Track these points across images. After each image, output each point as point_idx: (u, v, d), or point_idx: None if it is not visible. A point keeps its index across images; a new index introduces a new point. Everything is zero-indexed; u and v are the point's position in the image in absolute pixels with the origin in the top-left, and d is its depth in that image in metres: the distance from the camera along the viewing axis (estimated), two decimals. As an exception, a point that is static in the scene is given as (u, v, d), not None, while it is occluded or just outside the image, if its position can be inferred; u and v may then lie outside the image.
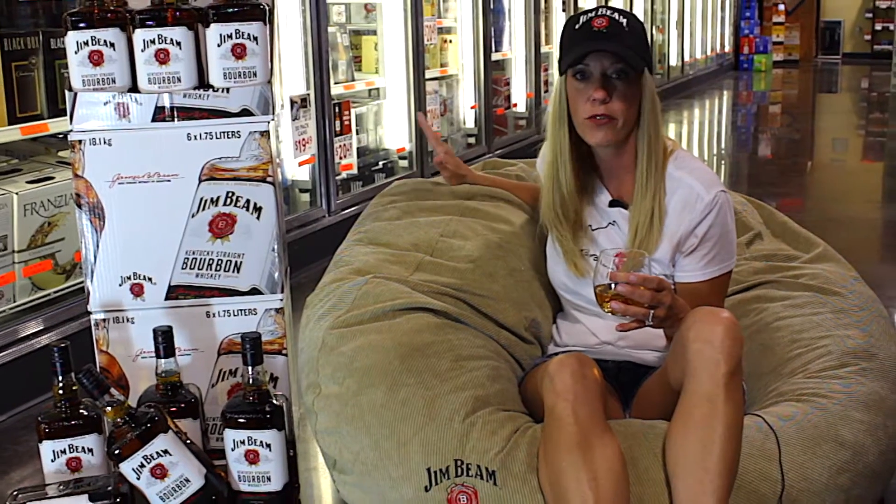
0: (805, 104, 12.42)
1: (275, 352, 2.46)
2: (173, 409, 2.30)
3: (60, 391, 2.24)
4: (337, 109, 4.76)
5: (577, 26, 2.13)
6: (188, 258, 2.39)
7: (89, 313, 2.42)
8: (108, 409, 2.14)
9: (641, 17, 2.20)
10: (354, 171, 5.02)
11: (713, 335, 1.87)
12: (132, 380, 2.44)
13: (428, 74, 5.72)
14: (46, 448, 2.26)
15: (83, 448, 2.27)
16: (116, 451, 2.13)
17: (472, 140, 6.55)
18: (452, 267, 2.48)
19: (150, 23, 2.26)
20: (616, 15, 2.12)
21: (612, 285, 1.93)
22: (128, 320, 2.41)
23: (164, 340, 2.29)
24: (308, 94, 4.55)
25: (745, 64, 17.31)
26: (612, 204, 2.27)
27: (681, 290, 2.19)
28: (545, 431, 1.95)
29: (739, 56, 17.44)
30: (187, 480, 2.19)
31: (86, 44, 2.26)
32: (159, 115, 2.32)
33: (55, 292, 3.34)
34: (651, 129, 2.16)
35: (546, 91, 7.62)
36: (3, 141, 3.16)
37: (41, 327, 3.14)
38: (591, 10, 2.18)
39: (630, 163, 2.22)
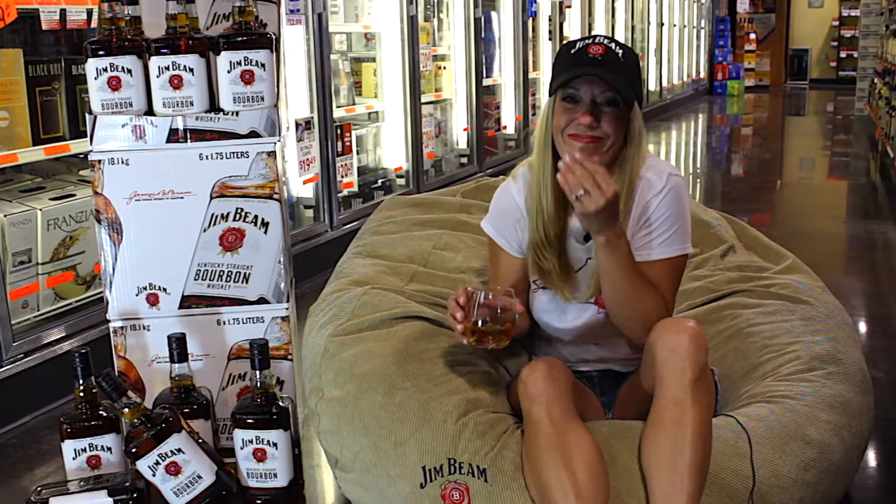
0: (775, 126, 12.44)
1: (281, 357, 2.46)
2: (186, 410, 2.30)
3: (81, 394, 2.24)
4: (339, 131, 4.76)
5: (572, 51, 1.99)
6: (200, 270, 2.39)
7: (108, 321, 2.42)
8: (126, 410, 2.14)
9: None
10: (355, 188, 5.02)
11: (678, 344, 1.85)
12: (148, 383, 2.44)
13: (423, 99, 5.73)
14: (68, 447, 2.26)
15: (102, 447, 2.26)
16: (133, 450, 2.13)
17: (464, 160, 6.56)
18: (444, 277, 2.48)
19: (165, 51, 2.27)
20: (612, 45, 1.98)
21: (480, 322, 1.94)
22: (144, 328, 2.41)
23: (177, 346, 2.29)
24: (312, 117, 4.56)
25: (719, 89, 17.33)
26: (588, 238, 2.08)
27: None
28: (525, 433, 1.95)
29: (714, 82, 17.46)
30: (199, 477, 2.19)
31: (105, 70, 2.27)
32: (173, 136, 2.33)
33: (76, 302, 3.33)
34: (633, 165, 2.02)
35: (534, 114, 7.62)
36: (28, 160, 3.17)
37: (63, 334, 3.13)
38: (588, 38, 2.02)
39: None
